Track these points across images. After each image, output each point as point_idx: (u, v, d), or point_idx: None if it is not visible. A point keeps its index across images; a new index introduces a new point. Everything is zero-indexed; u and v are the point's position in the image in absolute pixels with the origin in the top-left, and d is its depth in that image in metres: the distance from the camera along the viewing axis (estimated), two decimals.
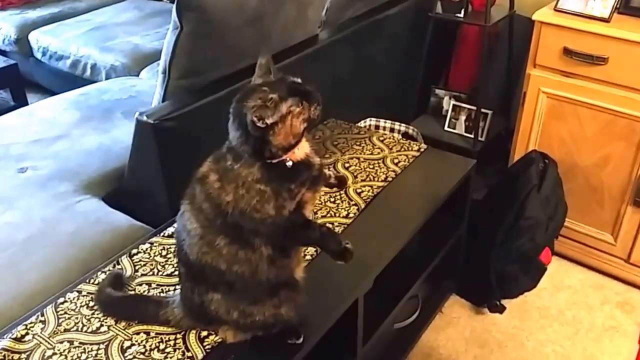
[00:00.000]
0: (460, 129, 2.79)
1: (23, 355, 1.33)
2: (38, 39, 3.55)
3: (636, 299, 2.37)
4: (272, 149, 1.15)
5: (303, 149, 1.21)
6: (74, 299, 1.48)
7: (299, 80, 1.19)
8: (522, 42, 2.50)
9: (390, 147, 2.10)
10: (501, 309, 2.27)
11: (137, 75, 3.10)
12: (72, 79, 3.35)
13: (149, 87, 2.58)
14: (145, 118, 1.74)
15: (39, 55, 3.57)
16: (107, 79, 3.17)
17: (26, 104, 3.22)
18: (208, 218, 1.21)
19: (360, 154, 2.06)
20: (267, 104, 1.11)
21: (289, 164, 1.18)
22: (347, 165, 2.00)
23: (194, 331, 1.38)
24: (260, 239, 1.21)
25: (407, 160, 2.03)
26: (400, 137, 2.35)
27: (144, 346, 1.34)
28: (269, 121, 1.11)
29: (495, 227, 2.22)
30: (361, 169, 1.97)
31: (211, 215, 1.20)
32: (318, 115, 1.18)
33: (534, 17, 2.20)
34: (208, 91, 1.87)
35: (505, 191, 2.26)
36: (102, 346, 1.34)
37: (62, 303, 1.47)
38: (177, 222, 1.30)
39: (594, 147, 2.25)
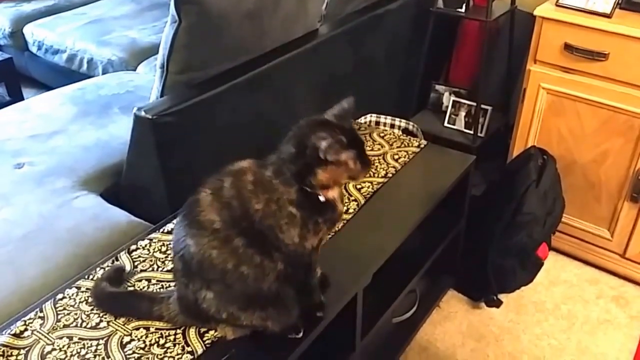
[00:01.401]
0: (460, 125, 2.79)
1: (22, 351, 1.32)
2: (33, 32, 3.52)
3: (631, 293, 2.38)
4: (312, 181, 1.20)
5: (335, 191, 1.26)
6: (72, 295, 1.47)
7: (364, 140, 1.29)
8: (523, 38, 2.50)
9: (390, 143, 2.09)
10: (498, 304, 2.28)
11: (135, 70, 3.09)
12: (68, 73, 3.34)
13: (147, 81, 2.57)
14: (143, 113, 1.73)
15: (34, 49, 3.55)
16: (104, 73, 3.15)
17: (22, 99, 3.21)
18: (233, 216, 1.20)
19: None
20: (337, 141, 1.17)
21: (322, 198, 1.23)
22: None
23: (193, 326, 1.37)
24: (279, 254, 1.23)
25: (407, 156, 2.02)
26: (400, 133, 2.35)
27: (144, 341, 1.34)
28: (329, 157, 1.17)
29: (494, 222, 2.22)
30: None
31: (238, 214, 1.20)
32: (360, 179, 1.28)
33: (535, 13, 2.19)
34: (207, 86, 1.85)
35: (504, 186, 2.26)
36: (101, 342, 1.34)
37: (61, 299, 1.46)
38: (187, 208, 1.27)
39: (592, 143, 2.25)
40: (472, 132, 2.70)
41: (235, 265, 1.21)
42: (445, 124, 2.82)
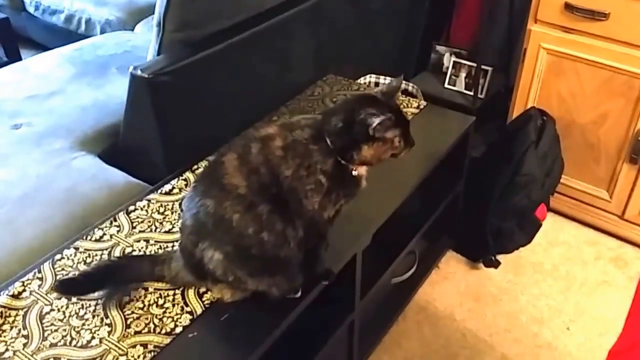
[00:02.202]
0: (461, 86, 2.78)
1: (20, 312, 1.33)
2: None
3: (629, 254, 2.39)
4: (355, 156, 1.21)
5: (365, 169, 1.28)
6: (71, 255, 1.48)
7: (408, 120, 1.28)
8: None
9: None
10: (496, 264, 2.29)
11: (132, 30, 3.06)
12: (66, 34, 3.30)
13: (145, 41, 2.53)
14: (139, 72, 1.70)
15: (31, 10, 3.51)
16: (102, 33, 3.12)
17: (19, 59, 3.17)
18: (262, 182, 1.20)
19: None
20: (387, 119, 1.18)
21: (355, 173, 1.25)
22: None
23: (192, 287, 1.38)
24: (301, 221, 1.23)
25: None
26: (400, 94, 2.33)
27: (143, 301, 1.35)
28: (377, 135, 1.19)
29: (493, 183, 2.22)
30: None
31: (267, 181, 1.20)
32: (402, 157, 1.28)
33: None
34: (204, 45, 1.82)
35: (503, 148, 2.26)
36: (100, 302, 1.34)
37: (59, 260, 1.47)
38: (209, 169, 1.28)
39: (592, 104, 2.23)
40: (472, 93, 2.68)
41: (256, 231, 1.21)
42: (446, 85, 2.81)
